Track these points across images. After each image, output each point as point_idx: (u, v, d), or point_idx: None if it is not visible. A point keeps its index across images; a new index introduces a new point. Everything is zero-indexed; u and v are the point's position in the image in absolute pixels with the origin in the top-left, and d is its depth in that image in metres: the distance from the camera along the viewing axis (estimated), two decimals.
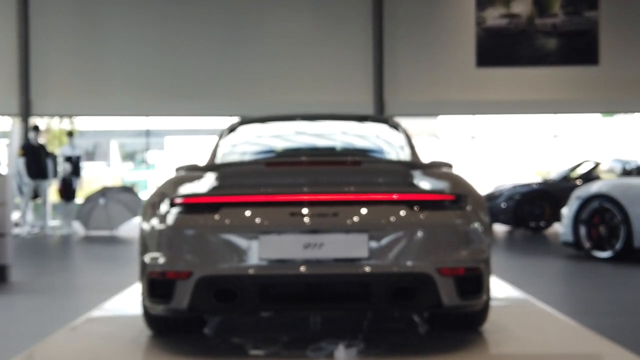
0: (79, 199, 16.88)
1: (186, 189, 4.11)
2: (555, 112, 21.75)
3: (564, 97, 21.01)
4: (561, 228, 10.21)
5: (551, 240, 13.16)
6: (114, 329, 4.89)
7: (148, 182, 25.09)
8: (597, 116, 23.62)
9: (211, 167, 4.56)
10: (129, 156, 29.86)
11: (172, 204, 3.97)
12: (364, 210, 3.83)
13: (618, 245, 9.27)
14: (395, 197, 3.89)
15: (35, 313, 6.12)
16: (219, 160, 5.09)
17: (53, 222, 17.39)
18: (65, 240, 14.60)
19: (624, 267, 8.75)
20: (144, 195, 17.86)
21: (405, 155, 5.11)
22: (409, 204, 3.88)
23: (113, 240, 14.41)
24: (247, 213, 3.84)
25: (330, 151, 5.49)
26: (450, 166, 4.80)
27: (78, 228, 16.72)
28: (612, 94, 20.91)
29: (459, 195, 4.01)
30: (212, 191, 3.98)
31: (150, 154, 24.92)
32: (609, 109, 22.05)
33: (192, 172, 4.49)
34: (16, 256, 9.42)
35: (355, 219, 3.80)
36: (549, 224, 15.13)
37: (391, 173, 4.23)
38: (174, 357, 4.05)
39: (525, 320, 5.13)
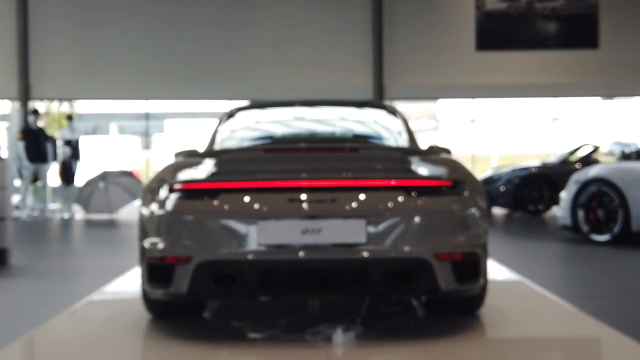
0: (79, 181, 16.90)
1: (185, 174, 4.13)
2: (555, 96, 21.74)
3: (564, 81, 20.99)
4: (559, 211, 10.23)
5: (549, 224, 13.19)
6: (114, 313, 4.92)
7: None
8: (597, 100, 23.59)
9: (210, 153, 4.58)
10: (128, 139, 29.83)
11: (172, 190, 4.00)
12: (362, 196, 3.85)
13: (616, 229, 9.31)
14: (393, 183, 3.91)
15: (35, 296, 6.15)
16: (217, 146, 5.10)
17: (53, 206, 17.42)
18: (65, 224, 14.63)
19: (621, 250, 8.78)
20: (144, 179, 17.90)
21: (403, 141, 5.13)
22: (406, 190, 3.90)
23: (113, 224, 14.44)
24: (246, 199, 3.86)
25: (328, 137, 5.50)
26: (448, 152, 4.82)
27: (78, 211, 16.75)
28: (612, 78, 20.90)
29: (457, 181, 4.04)
30: (211, 177, 4.00)
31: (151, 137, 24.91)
32: (609, 93, 22.03)
33: (191, 158, 4.51)
34: (16, 240, 9.45)
35: (354, 204, 3.82)
36: (547, 207, 15.16)
37: (389, 159, 4.25)
38: (174, 341, 4.09)
39: (522, 304, 5.17)
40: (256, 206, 3.83)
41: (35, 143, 15.60)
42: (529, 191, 15.16)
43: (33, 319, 4.98)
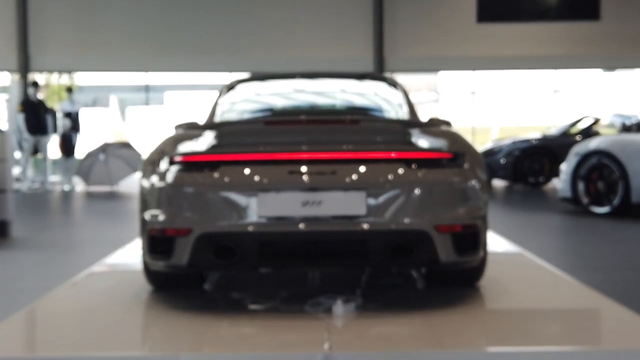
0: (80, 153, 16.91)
1: (186, 147, 4.12)
2: (556, 68, 21.69)
3: (565, 53, 20.93)
4: (560, 184, 10.25)
5: (550, 196, 13.21)
6: (115, 284, 4.93)
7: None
8: (598, 72, 23.54)
9: (210, 125, 4.57)
10: (128, 111, 29.80)
11: (172, 162, 3.99)
12: (362, 168, 3.85)
13: (616, 201, 9.33)
14: (393, 155, 3.91)
15: (36, 268, 6.18)
16: (218, 118, 5.09)
17: (53, 178, 17.45)
18: (66, 196, 14.65)
19: (621, 222, 8.81)
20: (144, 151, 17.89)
21: (403, 113, 5.12)
22: (406, 162, 3.90)
23: (113, 196, 14.47)
24: (246, 171, 3.86)
25: (329, 109, 5.49)
26: (448, 124, 4.81)
27: (78, 183, 16.77)
28: (613, 50, 20.83)
29: (457, 153, 4.03)
30: (212, 149, 3.99)
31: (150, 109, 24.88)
32: (610, 65, 21.98)
33: (192, 131, 4.51)
34: (17, 212, 9.48)
35: (354, 176, 3.82)
36: (547, 179, 15.19)
37: (389, 131, 4.24)
38: (175, 312, 4.11)
39: (522, 276, 5.18)
40: (256, 178, 3.83)
41: (35, 115, 15.59)
42: (529, 163, 15.18)
43: (34, 291, 5.00)
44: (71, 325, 3.93)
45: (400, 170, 3.86)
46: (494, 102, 24.58)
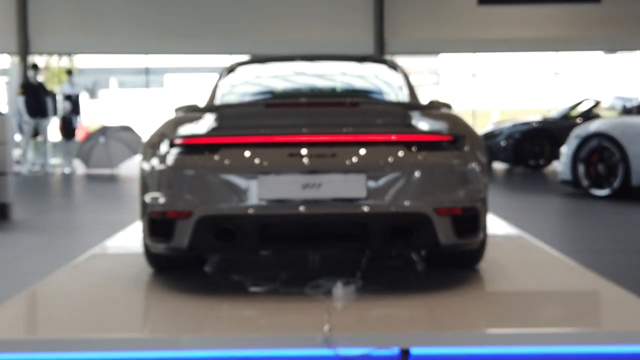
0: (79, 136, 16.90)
1: (186, 129, 4.12)
2: (557, 50, 21.63)
3: (566, 35, 20.87)
4: (560, 166, 10.26)
5: (550, 179, 13.22)
6: (116, 267, 4.94)
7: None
8: (599, 54, 23.48)
9: (210, 108, 4.57)
10: (128, 93, 29.78)
11: (172, 145, 3.99)
12: (362, 151, 3.85)
13: (616, 184, 9.33)
14: (393, 137, 3.91)
15: (37, 251, 6.19)
16: (218, 101, 5.09)
17: (54, 160, 17.45)
18: (66, 179, 14.66)
19: (621, 205, 8.82)
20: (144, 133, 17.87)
21: (403, 96, 5.11)
22: (407, 145, 3.89)
23: (113, 179, 14.47)
24: (247, 154, 3.86)
25: (329, 92, 5.49)
26: (449, 107, 4.81)
27: (78, 166, 16.77)
28: (614, 32, 20.77)
29: (457, 135, 4.03)
30: (212, 132, 3.99)
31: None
32: (611, 47, 21.91)
33: (192, 113, 4.50)
34: (17, 194, 9.49)
35: (354, 159, 3.82)
36: (548, 162, 15.18)
37: (389, 114, 4.24)
38: (176, 294, 4.12)
39: (521, 258, 5.19)
40: (256, 161, 3.83)
41: (35, 98, 15.56)
42: (529, 146, 15.17)
43: (35, 273, 5.01)
44: (72, 307, 3.94)
45: (400, 153, 3.86)
46: (495, 85, 24.54)
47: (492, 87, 24.31)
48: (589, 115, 15.20)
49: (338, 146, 3.87)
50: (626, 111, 15.57)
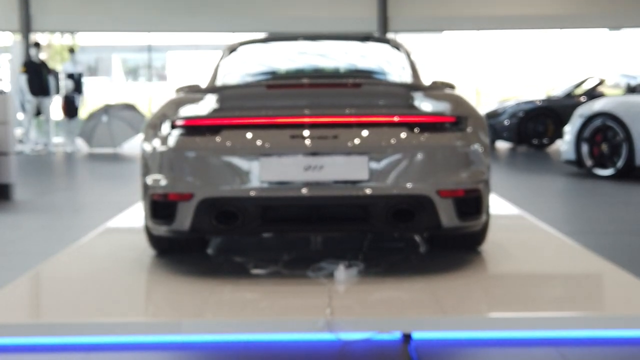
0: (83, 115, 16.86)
1: (187, 110, 4.10)
2: (561, 27, 21.51)
3: (570, 12, 20.75)
4: (563, 146, 10.21)
5: (553, 158, 13.18)
6: (118, 248, 4.95)
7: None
8: (604, 31, 23.34)
9: (212, 88, 4.54)
10: (131, 72, 29.72)
11: (173, 126, 3.97)
12: (364, 133, 3.83)
13: (619, 163, 9.30)
14: (395, 119, 3.89)
15: (39, 232, 6.18)
16: (219, 81, 5.05)
17: (56, 139, 17.42)
18: (69, 158, 14.65)
19: (625, 185, 8.79)
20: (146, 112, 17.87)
21: (406, 76, 5.08)
22: (409, 126, 3.87)
23: (116, 158, 14.46)
24: (248, 135, 3.84)
25: (331, 72, 5.46)
26: (452, 87, 4.78)
27: (81, 145, 16.75)
28: (619, 8, 20.64)
29: (460, 117, 4.01)
30: (213, 113, 3.97)
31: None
32: (616, 24, 21.78)
33: (193, 94, 4.48)
34: (20, 174, 9.48)
35: (356, 141, 3.80)
36: (551, 141, 15.14)
37: (392, 95, 4.22)
38: (178, 276, 4.12)
39: (524, 239, 5.18)
40: (258, 142, 3.81)
41: (38, 76, 15.51)
42: (533, 125, 15.12)
43: (38, 254, 5.01)
44: (74, 291, 3.94)
45: (403, 135, 3.84)
46: (499, 63, 24.43)
47: (496, 66, 24.20)
48: (593, 93, 15.13)
49: (340, 128, 3.85)
50: (630, 90, 15.49)
